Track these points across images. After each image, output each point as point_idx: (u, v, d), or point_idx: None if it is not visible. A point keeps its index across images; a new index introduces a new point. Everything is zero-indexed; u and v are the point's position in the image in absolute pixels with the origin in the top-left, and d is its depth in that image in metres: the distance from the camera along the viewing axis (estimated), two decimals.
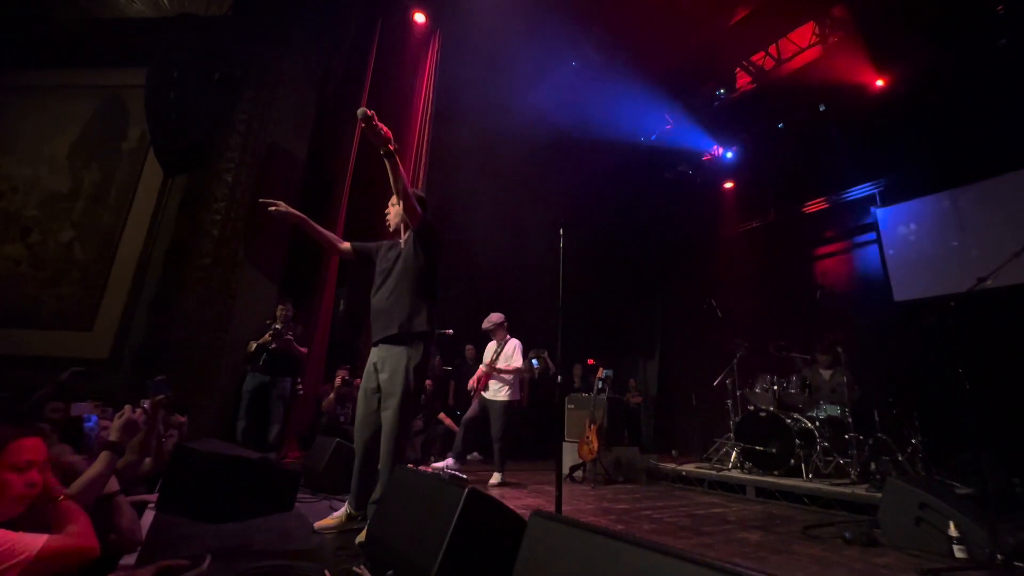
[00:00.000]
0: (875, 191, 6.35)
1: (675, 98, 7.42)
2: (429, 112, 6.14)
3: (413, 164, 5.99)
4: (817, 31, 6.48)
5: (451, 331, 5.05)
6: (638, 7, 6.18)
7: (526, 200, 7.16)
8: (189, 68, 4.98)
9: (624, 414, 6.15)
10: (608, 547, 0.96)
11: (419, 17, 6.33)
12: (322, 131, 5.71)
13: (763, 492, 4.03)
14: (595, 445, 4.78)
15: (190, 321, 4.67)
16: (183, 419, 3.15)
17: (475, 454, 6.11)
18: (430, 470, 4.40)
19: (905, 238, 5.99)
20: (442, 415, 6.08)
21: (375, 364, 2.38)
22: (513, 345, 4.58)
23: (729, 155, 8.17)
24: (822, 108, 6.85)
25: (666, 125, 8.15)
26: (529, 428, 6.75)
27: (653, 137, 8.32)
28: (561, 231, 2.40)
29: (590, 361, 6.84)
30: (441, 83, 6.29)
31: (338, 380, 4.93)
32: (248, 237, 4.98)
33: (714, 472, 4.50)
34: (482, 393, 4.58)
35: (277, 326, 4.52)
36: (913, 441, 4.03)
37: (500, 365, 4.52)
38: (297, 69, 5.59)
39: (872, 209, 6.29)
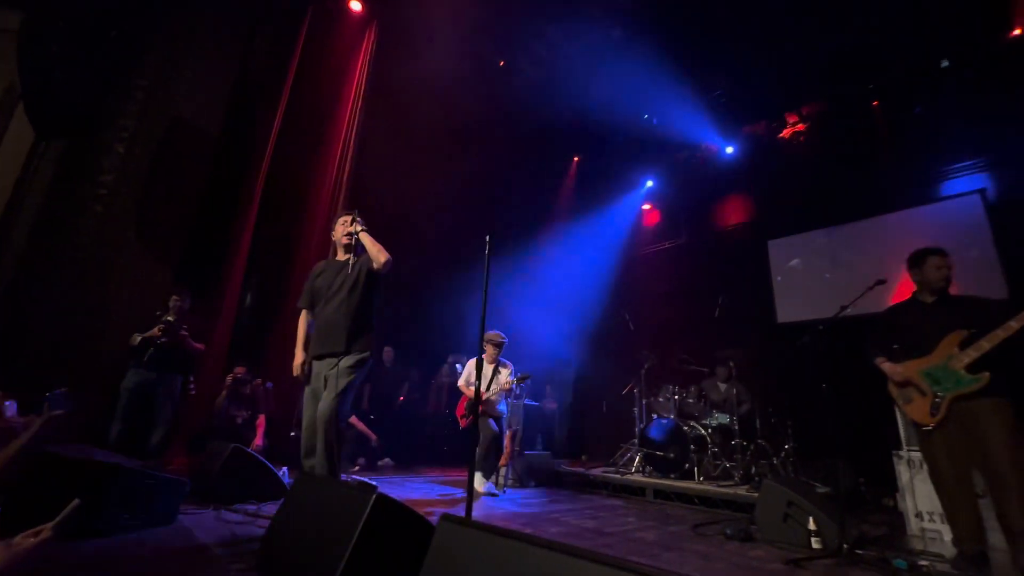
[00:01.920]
0: (768, 224, 7.16)
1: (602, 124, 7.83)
2: (360, 103, 5.93)
3: (340, 153, 5.74)
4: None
5: None
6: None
7: (456, 204, 7.13)
8: (79, 20, 4.37)
9: (538, 420, 6.30)
10: (514, 549, 0.99)
11: (355, 5, 6.11)
12: (239, 110, 5.29)
13: (660, 494, 4.33)
14: (508, 450, 4.85)
15: (59, 307, 4.06)
16: (39, 418, 2.73)
17: (387, 460, 5.94)
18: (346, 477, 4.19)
19: (789, 268, 6.80)
20: (354, 418, 5.82)
21: (323, 376, 2.50)
22: (510, 369, 4.57)
23: (649, 184, 8.76)
24: (729, 150, 7.59)
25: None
26: (445, 435, 6.69)
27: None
28: (487, 238, 2.42)
29: None
30: (376, 75, 6.11)
31: (229, 379, 4.56)
32: (141, 217, 4.45)
33: (618, 476, 4.76)
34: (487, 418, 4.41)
35: (168, 318, 4.07)
36: (786, 447, 4.57)
37: (496, 388, 4.44)
38: (213, 41, 5.13)
39: (766, 240, 7.08)
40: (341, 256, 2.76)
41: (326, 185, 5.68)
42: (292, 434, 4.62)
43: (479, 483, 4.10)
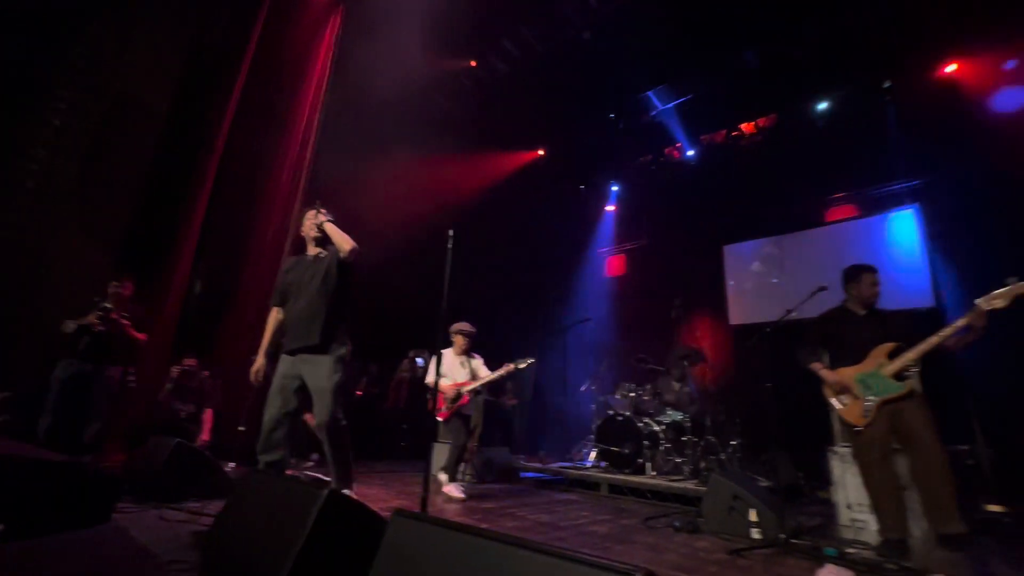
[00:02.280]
0: (723, 230, 7.46)
1: (574, 120, 7.92)
2: (323, 89, 5.74)
3: (300, 139, 5.53)
4: None
5: None
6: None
7: (419, 196, 7.02)
8: None
9: (498, 416, 6.33)
10: (467, 543, 0.99)
11: None
12: (192, 89, 5.01)
13: (615, 488, 4.45)
14: (470, 447, 4.85)
15: None
16: None
17: (315, 455, 5.79)
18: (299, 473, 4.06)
19: (742, 272, 7.12)
20: (309, 416, 5.65)
21: (292, 374, 2.51)
22: (481, 361, 4.49)
23: (615, 188, 8.93)
24: (689, 153, 7.84)
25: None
26: (403, 430, 6.61)
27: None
28: (451, 232, 2.41)
29: None
30: (341, 61, 5.92)
31: (175, 371, 4.34)
32: (79, 196, 4.16)
33: (575, 471, 4.85)
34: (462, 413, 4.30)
35: (107, 305, 3.82)
36: (733, 443, 4.78)
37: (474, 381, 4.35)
38: (166, 14, 4.84)
39: (721, 245, 7.38)
40: (311, 250, 2.72)
41: (285, 171, 5.47)
42: (241, 429, 4.44)
43: (447, 485, 4.04)
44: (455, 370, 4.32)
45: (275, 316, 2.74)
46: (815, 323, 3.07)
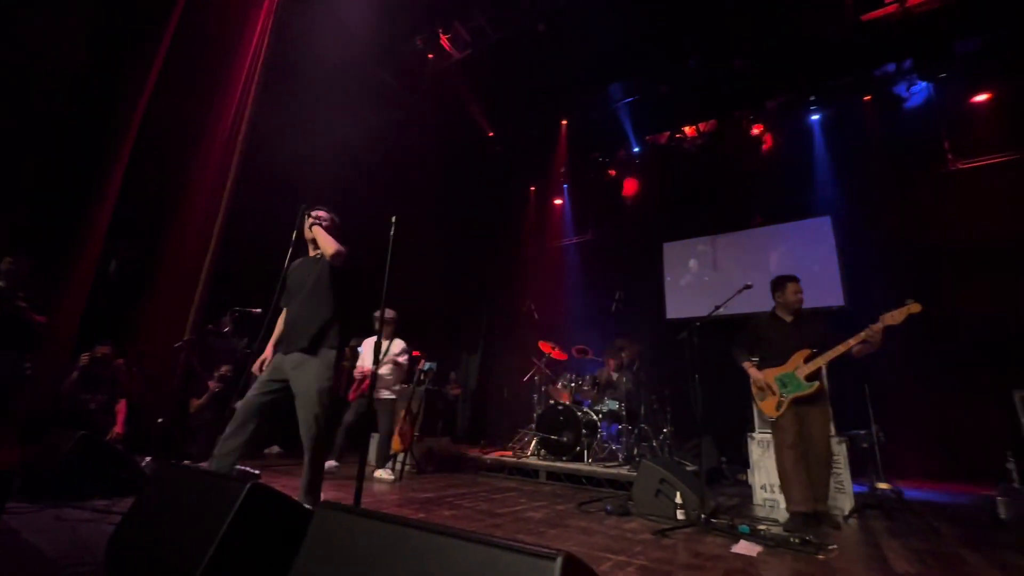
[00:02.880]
0: (663, 228, 7.79)
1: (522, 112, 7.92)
2: (263, 51, 5.37)
3: (234, 111, 5.16)
4: None
5: (259, 310, 4.51)
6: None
7: (360, 183, 6.77)
8: None
9: (441, 405, 6.30)
10: (393, 533, 0.99)
11: None
12: (109, 46, 4.52)
13: (552, 475, 4.57)
14: (408, 436, 4.80)
15: None
16: None
17: (275, 447, 5.58)
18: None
19: (679, 270, 7.48)
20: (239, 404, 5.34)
21: (278, 375, 2.49)
22: (401, 345, 4.54)
23: (564, 185, 9.06)
24: (635, 149, 8.10)
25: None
26: (338, 420, 6.41)
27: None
28: (393, 219, 2.35)
29: (414, 353, 6.83)
30: (281, 32, 5.57)
31: (85, 358, 3.97)
32: None
33: (514, 459, 4.93)
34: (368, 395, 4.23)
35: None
36: (664, 430, 5.06)
37: (386, 362, 4.33)
38: None
39: (661, 243, 7.71)
40: (312, 252, 2.75)
41: (216, 143, 5.09)
42: (160, 420, 4.14)
43: (377, 471, 4.06)
44: (368, 351, 4.49)
45: (283, 316, 2.73)
46: (749, 327, 3.51)
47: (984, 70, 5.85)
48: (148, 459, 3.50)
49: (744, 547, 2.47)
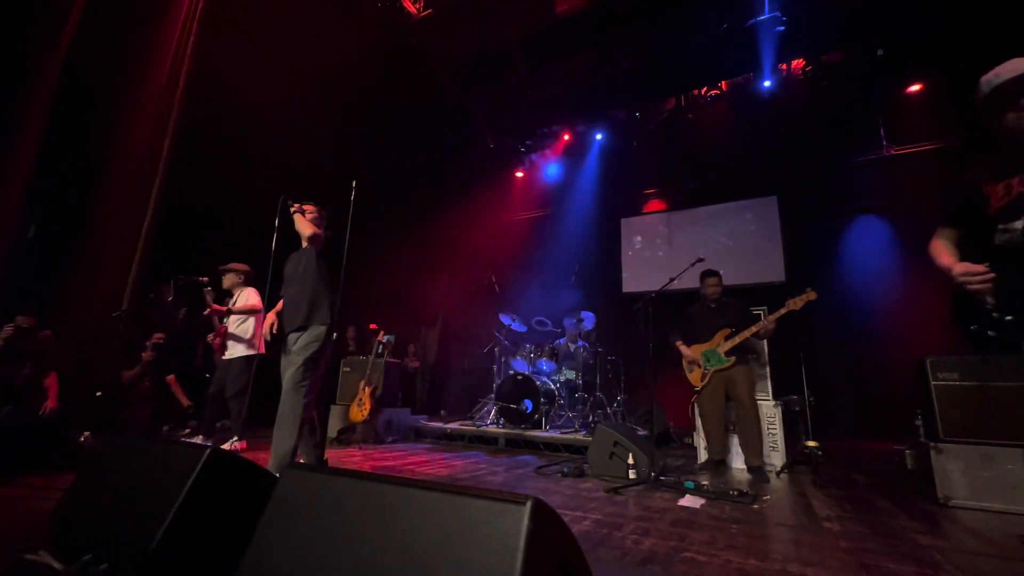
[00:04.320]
0: (622, 203, 7.94)
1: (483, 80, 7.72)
2: (200, 5, 4.92)
3: (171, 60, 4.73)
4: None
5: (205, 279, 4.28)
6: None
7: (317, 147, 6.46)
8: None
9: (400, 377, 6.28)
10: (362, 488, 1.00)
11: None
12: None
13: (512, 442, 4.71)
14: (367, 407, 4.78)
15: None
16: None
17: (192, 422, 5.37)
18: None
19: (635, 244, 7.68)
20: (171, 378, 5.02)
21: (290, 349, 2.69)
22: (248, 292, 4.24)
23: (522, 149, 8.95)
24: (597, 122, 8.12)
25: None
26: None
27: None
28: (354, 184, 2.28)
29: (372, 326, 6.73)
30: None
31: (8, 329, 3.66)
32: None
33: (474, 428, 5.03)
34: (224, 357, 4.12)
35: None
36: (619, 398, 5.28)
37: (232, 321, 4.13)
38: None
39: (619, 218, 7.87)
40: (304, 244, 2.92)
41: (153, 88, 4.66)
42: (99, 395, 3.91)
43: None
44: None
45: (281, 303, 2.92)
46: (683, 313, 4.08)
47: (919, 61, 6.23)
48: (87, 434, 3.31)
49: (689, 500, 2.67)
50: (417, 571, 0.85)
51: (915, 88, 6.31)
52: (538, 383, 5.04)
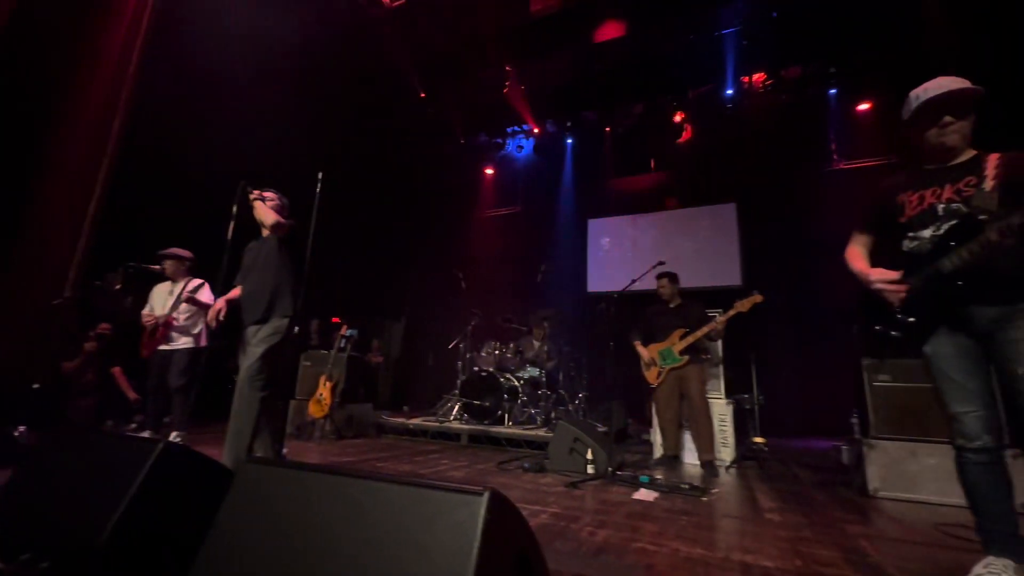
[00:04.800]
0: (589, 204, 8.08)
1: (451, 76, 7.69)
2: None
3: (127, 28, 4.47)
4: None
5: (159, 267, 4.08)
6: None
7: (279, 133, 6.24)
8: None
9: (362, 372, 6.21)
10: (321, 482, 1.01)
11: None
12: None
13: (474, 439, 4.74)
14: (328, 402, 4.70)
15: None
16: None
17: (138, 417, 5.15)
18: None
19: (602, 245, 7.84)
20: (117, 370, 4.78)
21: (249, 341, 2.61)
22: (197, 284, 3.98)
23: (496, 140, 8.95)
24: (568, 123, 8.23)
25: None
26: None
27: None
28: (320, 175, 2.25)
29: (335, 319, 6.61)
30: None
31: None
32: None
33: (437, 424, 5.03)
34: (160, 347, 3.86)
35: None
36: (580, 395, 5.40)
37: (183, 307, 3.88)
38: None
39: (587, 219, 8.01)
40: (264, 233, 2.84)
41: (104, 60, 4.41)
42: (36, 387, 3.69)
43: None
44: (161, 300, 3.97)
45: (236, 291, 2.82)
46: (643, 313, 4.18)
47: (868, 83, 6.63)
48: (22, 428, 3.13)
49: (644, 494, 2.78)
50: (376, 561, 0.88)
51: (864, 107, 6.72)
52: (502, 379, 5.09)
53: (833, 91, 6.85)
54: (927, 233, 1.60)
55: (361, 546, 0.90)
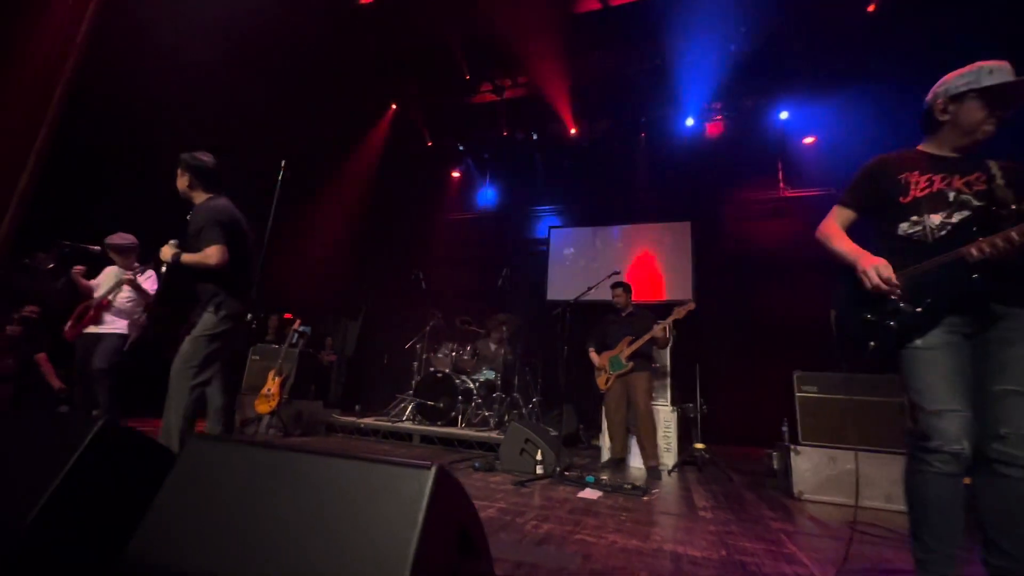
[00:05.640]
0: (554, 214, 8.26)
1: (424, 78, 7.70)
2: None
3: None
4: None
5: (97, 248, 3.86)
6: None
7: (236, 119, 6.03)
8: None
9: (314, 369, 6.06)
10: (272, 458, 1.03)
11: None
12: None
13: (426, 439, 4.72)
14: (276, 397, 4.57)
15: None
16: None
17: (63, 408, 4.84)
18: None
19: (563, 254, 8.02)
20: (42, 356, 4.44)
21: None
22: (149, 274, 3.76)
23: (460, 147, 9.00)
24: (534, 136, 8.40)
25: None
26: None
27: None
28: (282, 163, 2.23)
29: (287, 315, 6.41)
30: None
31: None
32: None
33: (389, 424, 4.98)
34: (87, 330, 3.60)
35: None
36: (534, 399, 5.49)
37: (123, 295, 3.67)
38: None
39: (549, 228, 8.18)
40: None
41: (47, 26, 4.16)
42: None
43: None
44: (109, 284, 3.73)
45: None
46: (600, 321, 4.36)
47: (814, 118, 7.17)
48: None
49: (588, 493, 2.88)
50: (320, 533, 0.90)
51: (809, 140, 7.25)
52: (457, 381, 5.11)
53: (782, 123, 7.35)
54: (936, 219, 1.46)
55: (306, 518, 0.93)
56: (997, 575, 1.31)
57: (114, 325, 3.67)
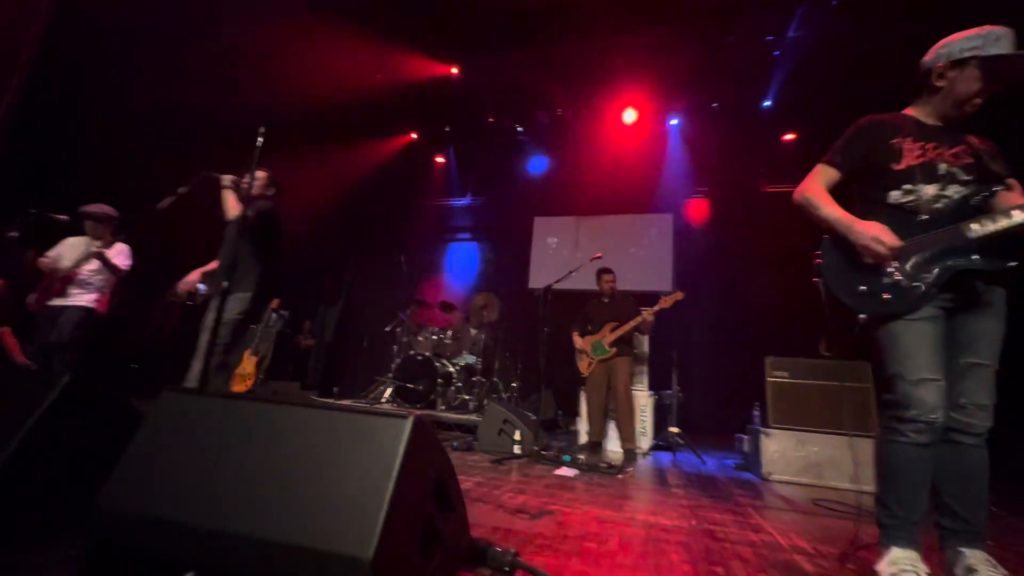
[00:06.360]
0: (537, 202, 8.26)
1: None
2: None
3: None
4: None
5: (65, 217, 3.71)
6: None
7: (213, 86, 5.80)
8: None
9: (292, 350, 5.98)
10: (249, 410, 1.02)
11: None
12: None
13: None
14: (252, 378, 4.51)
15: None
16: None
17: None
18: None
19: (546, 243, 8.04)
20: (6, 331, 4.26)
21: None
22: (120, 248, 3.63)
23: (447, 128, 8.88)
24: (519, 127, 8.35)
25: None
26: (164, 361, 5.69)
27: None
28: (261, 129, 2.18)
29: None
30: None
31: None
32: None
33: (367, 406, 4.95)
34: (51, 302, 3.45)
35: None
36: (513, 384, 5.53)
37: (90, 267, 3.51)
38: None
39: (533, 216, 8.18)
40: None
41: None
42: None
43: None
44: (73, 253, 3.57)
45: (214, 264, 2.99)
46: (584, 307, 4.37)
47: (794, 115, 7.29)
48: None
49: (564, 471, 2.92)
50: (297, 480, 0.90)
51: (789, 137, 7.38)
52: (437, 364, 5.11)
53: (763, 119, 7.46)
54: (931, 190, 1.42)
55: (282, 468, 0.92)
56: (949, 536, 1.39)
57: (80, 298, 3.54)
